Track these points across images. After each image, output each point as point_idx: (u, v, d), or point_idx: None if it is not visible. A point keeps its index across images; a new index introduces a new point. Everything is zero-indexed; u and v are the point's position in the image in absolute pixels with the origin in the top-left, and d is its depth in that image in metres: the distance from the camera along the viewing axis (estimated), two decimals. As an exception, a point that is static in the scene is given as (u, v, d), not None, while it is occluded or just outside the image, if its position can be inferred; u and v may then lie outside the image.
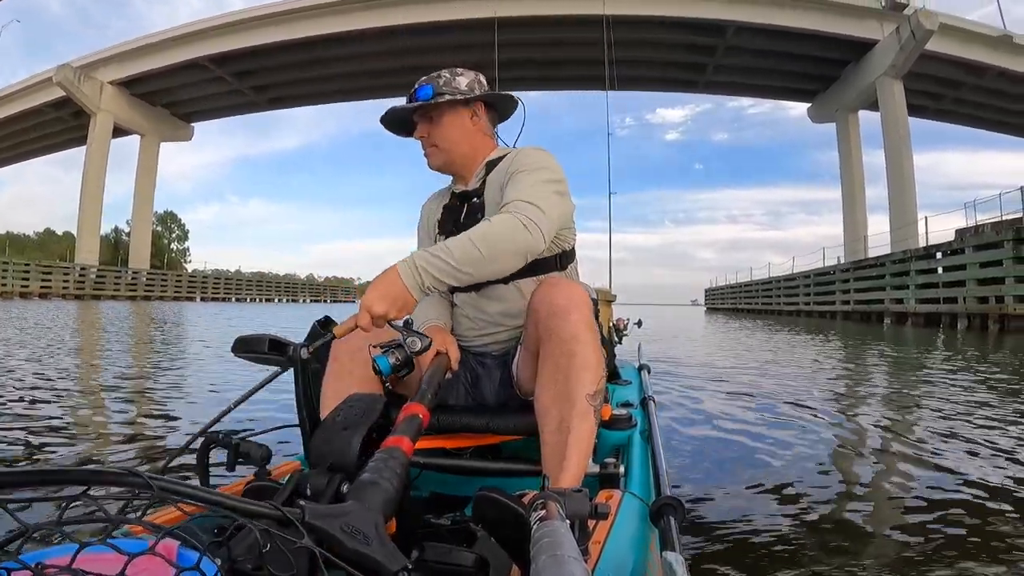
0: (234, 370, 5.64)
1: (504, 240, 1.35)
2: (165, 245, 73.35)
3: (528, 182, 1.49)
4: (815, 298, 28.97)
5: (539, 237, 1.38)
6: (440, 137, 1.68)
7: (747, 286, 42.51)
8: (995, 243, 16.09)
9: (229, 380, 5.27)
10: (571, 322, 1.33)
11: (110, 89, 37.86)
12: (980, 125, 39.98)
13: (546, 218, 1.41)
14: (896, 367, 7.33)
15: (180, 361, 6.97)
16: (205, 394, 4.70)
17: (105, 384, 5.03)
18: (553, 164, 1.59)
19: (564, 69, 36.44)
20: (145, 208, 45.14)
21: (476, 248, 1.32)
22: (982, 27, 30.21)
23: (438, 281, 1.32)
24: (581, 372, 1.32)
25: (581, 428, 1.30)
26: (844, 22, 29.55)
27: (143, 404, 4.22)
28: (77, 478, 0.58)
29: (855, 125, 35.14)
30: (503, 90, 1.77)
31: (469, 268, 1.32)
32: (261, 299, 56.37)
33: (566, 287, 1.40)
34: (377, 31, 32.32)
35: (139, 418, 3.74)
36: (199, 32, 34.84)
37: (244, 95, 40.74)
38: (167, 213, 77.77)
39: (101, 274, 40.32)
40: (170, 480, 0.59)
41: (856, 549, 1.78)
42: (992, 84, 32.19)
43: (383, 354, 1.34)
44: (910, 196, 28.97)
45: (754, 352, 9.46)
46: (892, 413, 4.09)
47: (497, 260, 1.36)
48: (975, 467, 2.66)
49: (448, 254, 1.31)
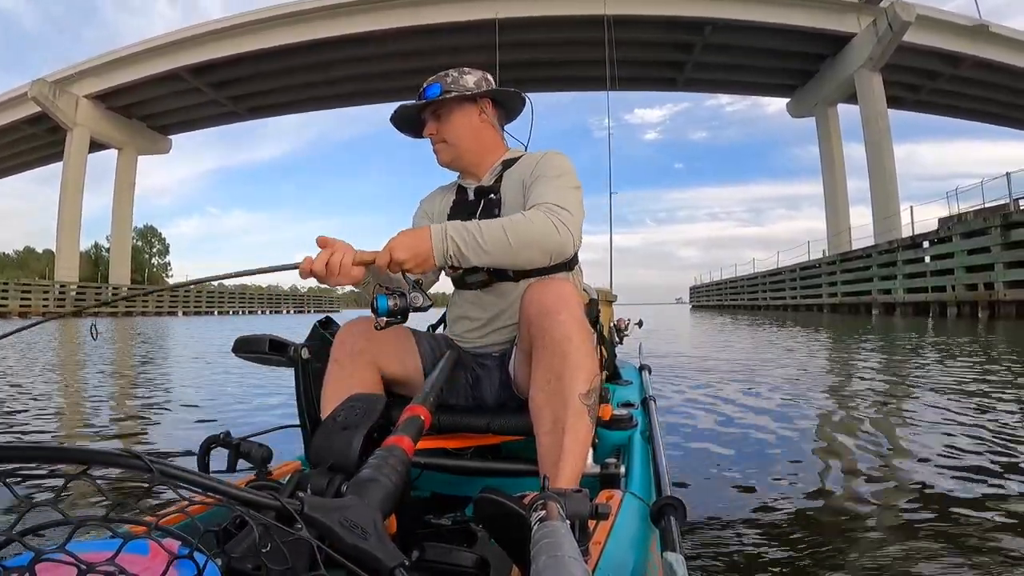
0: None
1: (536, 236, 1.40)
2: (146, 260, 72.75)
3: (556, 185, 1.53)
4: (801, 292, 29.17)
5: (569, 240, 1.44)
6: (449, 133, 1.72)
7: (732, 282, 42.73)
8: (983, 230, 16.17)
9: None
10: (561, 322, 1.32)
11: (86, 103, 37.27)
12: (958, 115, 40.38)
13: (575, 222, 1.46)
14: (894, 359, 7.26)
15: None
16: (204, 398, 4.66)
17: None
18: (574, 170, 1.63)
19: (565, 70, 36.30)
20: (124, 223, 44.56)
21: (506, 236, 1.37)
22: (958, 17, 30.53)
23: (461, 253, 1.36)
24: (574, 372, 1.31)
25: (576, 428, 1.29)
26: (821, 16, 29.73)
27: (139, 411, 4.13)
28: (76, 456, 0.57)
29: (835, 119, 35.37)
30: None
31: (495, 252, 1.37)
32: (244, 311, 55.91)
33: (555, 286, 1.39)
34: (359, 36, 32.05)
35: (136, 423, 3.67)
36: (175, 43, 34.35)
37: (222, 105, 40.28)
38: (147, 228, 77.20)
39: (81, 291, 39.68)
40: (170, 465, 0.58)
41: (857, 549, 1.77)
42: (969, 74, 32.52)
43: (386, 294, 1.35)
44: (892, 187, 29.21)
45: (750, 350, 9.42)
46: (896, 410, 4.02)
47: (523, 253, 1.40)
48: (983, 466, 2.61)
49: (479, 232, 1.36)
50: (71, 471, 0.56)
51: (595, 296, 1.73)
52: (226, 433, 1.36)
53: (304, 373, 1.61)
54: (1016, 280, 15.03)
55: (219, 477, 0.64)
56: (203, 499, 0.63)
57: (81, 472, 0.55)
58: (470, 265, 1.40)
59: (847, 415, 3.87)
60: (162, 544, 0.59)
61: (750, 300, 37.31)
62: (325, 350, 1.56)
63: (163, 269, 77.61)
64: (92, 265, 62.02)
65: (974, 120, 41.34)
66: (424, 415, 1.17)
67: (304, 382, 1.61)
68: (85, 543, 0.57)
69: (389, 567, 0.72)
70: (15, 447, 0.55)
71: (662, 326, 17.73)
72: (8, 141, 42.53)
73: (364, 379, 1.49)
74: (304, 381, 1.61)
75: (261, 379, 5.41)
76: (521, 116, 1.86)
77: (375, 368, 1.55)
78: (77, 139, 37.53)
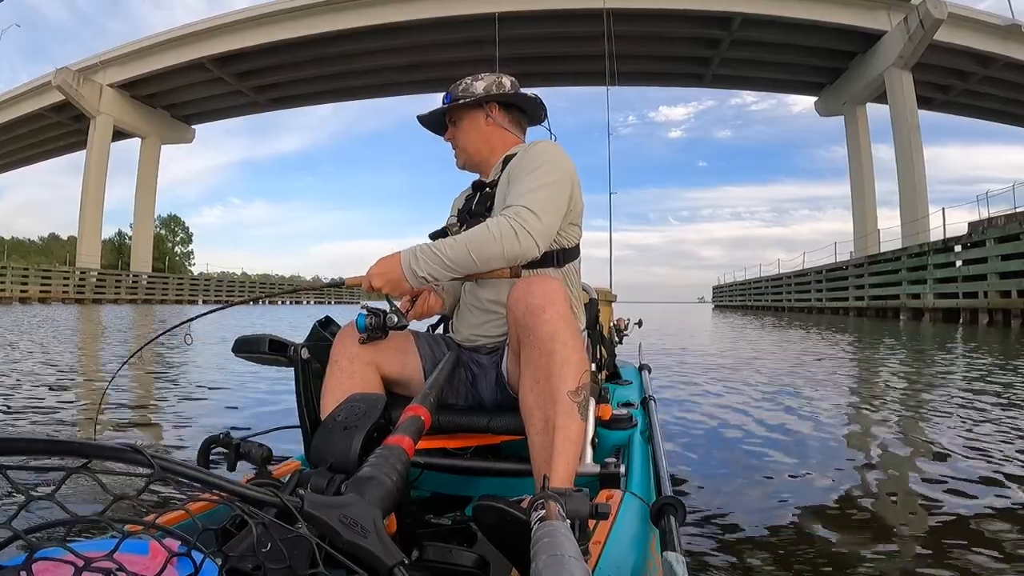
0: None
1: (495, 249, 1.44)
2: (169, 248, 72.91)
3: (528, 185, 1.54)
4: (827, 294, 28.68)
5: (530, 245, 1.47)
6: (459, 138, 1.83)
7: (756, 283, 42.14)
8: (1019, 234, 15.67)
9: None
10: (547, 320, 1.31)
11: (109, 92, 37.54)
12: (987, 117, 39.54)
13: (541, 225, 1.48)
14: (918, 366, 7.01)
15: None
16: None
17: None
18: (558, 159, 1.62)
19: (565, 64, 35.91)
20: (146, 210, 44.84)
21: (469, 253, 1.44)
22: (990, 16, 29.82)
23: (429, 273, 1.46)
24: (562, 370, 1.30)
25: (567, 427, 1.27)
26: (852, 13, 29.19)
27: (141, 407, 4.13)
28: (78, 450, 0.56)
29: (863, 117, 34.72)
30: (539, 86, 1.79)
31: (461, 268, 1.46)
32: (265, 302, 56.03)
33: (541, 284, 1.38)
34: (376, 28, 31.93)
35: (137, 419, 3.68)
36: (198, 33, 34.49)
37: (245, 95, 40.43)
38: (171, 216, 77.33)
39: (101, 278, 39.94)
40: (171, 460, 0.58)
41: (858, 549, 1.77)
42: (999, 74, 31.77)
43: (365, 314, 1.50)
44: (921, 188, 28.59)
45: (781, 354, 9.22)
46: (903, 414, 3.99)
47: (485, 265, 1.46)
48: (988, 468, 2.63)
49: (442, 252, 1.45)
50: (71, 465, 0.55)
51: (595, 296, 1.72)
52: (226, 433, 1.37)
53: (304, 373, 1.60)
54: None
55: (220, 474, 0.62)
56: (203, 495, 0.63)
57: (81, 466, 0.55)
58: (438, 280, 1.49)
59: (854, 416, 3.91)
60: (162, 543, 0.59)
61: (774, 301, 36.76)
62: (325, 350, 1.58)
63: (186, 258, 77.77)
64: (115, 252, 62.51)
65: (1003, 123, 40.45)
66: (424, 415, 1.17)
67: (304, 382, 1.60)
68: (85, 543, 0.57)
69: (388, 565, 0.71)
70: (14, 439, 0.54)
71: (681, 329, 17.33)
72: (33, 129, 42.98)
73: (364, 379, 1.52)
74: (304, 381, 1.60)
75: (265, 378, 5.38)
76: (550, 115, 1.92)
77: (375, 368, 1.57)
78: (100, 127, 37.81)
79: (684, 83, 39.85)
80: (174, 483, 0.57)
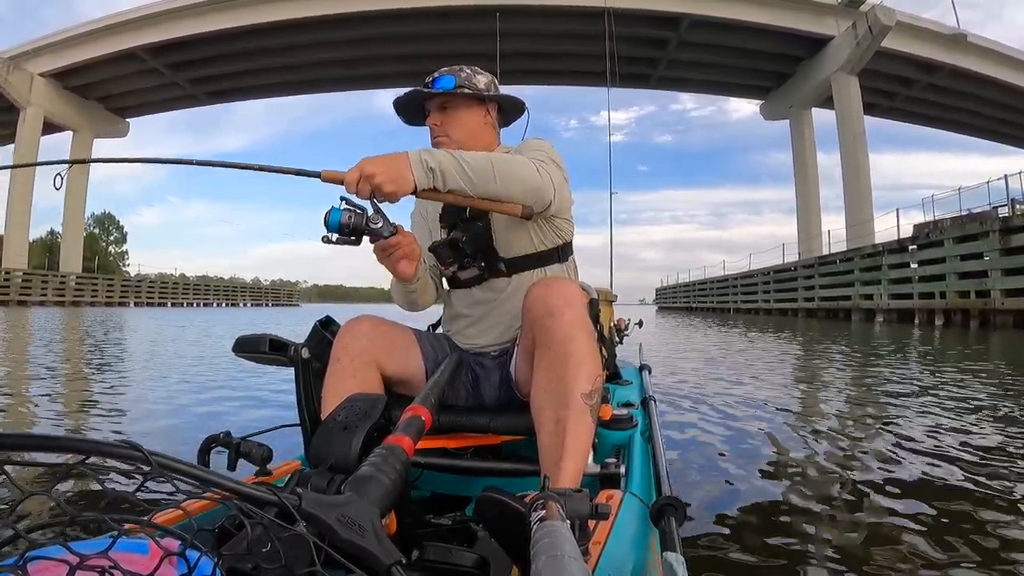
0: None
1: (519, 173, 1.41)
2: (102, 248, 70.10)
3: (539, 156, 1.51)
4: (775, 295, 28.83)
5: (548, 185, 1.45)
6: (453, 129, 1.70)
7: (701, 284, 42.40)
8: (979, 234, 15.69)
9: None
10: (565, 322, 1.30)
11: (41, 81, 35.75)
12: (929, 123, 40.81)
13: (557, 176, 1.49)
14: (893, 364, 7.08)
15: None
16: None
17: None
18: (555, 153, 1.61)
19: (562, 62, 35.63)
20: (76, 209, 42.83)
21: (491, 165, 1.37)
22: (937, 25, 30.60)
23: (441, 167, 1.32)
24: (576, 372, 1.28)
25: (577, 429, 1.26)
26: (800, 17, 29.60)
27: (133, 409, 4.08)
28: (76, 447, 0.56)
29: (809, 122, 35.43)
30: (502, 84, 1.82)
31: (477, 178, 1.35)
32: (198, 303, 54.26)
33: (560, 286, 1.36)
34: (332, 18, 30.83)
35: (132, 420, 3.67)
36: (134, 20, 32.92)
37: (180, 88, 38.85)
38: (104, 215, 74.64)
39: (27, 278, 38.01)
40: (169, 458, 0.58)
41: (858, 549, 1.74)
42: (944, 82, 32.78)
43: (342, 209, 1.30)
44: (866, 191, 29.22)
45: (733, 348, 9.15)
46: (898, 412, 3.98)
47: (505, 184, 1.39)
48: (983, 468, 2.59)
49: (462, 156, 1.36)
50: (68, 461, 0.55)
51: (595, 296, 1.68)
52: (226, 433, 1.35)
53: (304, 373, 1.57)
54: (1015, 288, 14.34)
55: (218, 472, 0.62)
56: (201, 493, 0.62)
57: (79, 462, 0.55)
58: (450, 188, 1.34)
59: (852, 417, 3.88)
60: (159, 542, 0.59)
61: (719, 303, 36.94)
62: (325, 350, 1.55)
63: (120, 258, 74.98)
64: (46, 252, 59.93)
65: (946, 129, 41.86)
66: (425, 415, 1.17)
67: (304, 382, 1.57)
68: (85, 542, 0.57)
69: (386, 564, 0.71)
70: (9, 435, 0.54)
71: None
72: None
73: (365, 379, 1.49)
74: (304, 381, 1.57)
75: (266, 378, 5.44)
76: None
77: (376, 368, 1.53)
78: (30, 119, 36.01)
79: (630, 84, 39.55)
80: (172, 481, 0.57)
